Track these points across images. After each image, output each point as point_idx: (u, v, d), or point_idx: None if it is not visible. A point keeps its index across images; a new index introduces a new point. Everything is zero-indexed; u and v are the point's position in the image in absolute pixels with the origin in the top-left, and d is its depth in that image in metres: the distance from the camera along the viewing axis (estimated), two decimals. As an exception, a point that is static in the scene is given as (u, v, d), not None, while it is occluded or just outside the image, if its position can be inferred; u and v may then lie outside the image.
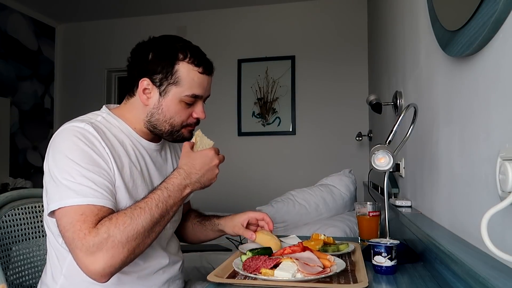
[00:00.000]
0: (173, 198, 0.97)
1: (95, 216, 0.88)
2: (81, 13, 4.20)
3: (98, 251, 0.85)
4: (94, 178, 0.91)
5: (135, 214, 0.90)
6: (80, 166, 0.91)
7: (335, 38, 3.83)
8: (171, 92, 1.03)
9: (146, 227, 0.90)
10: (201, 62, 1.05)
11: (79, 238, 0.85)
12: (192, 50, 1.06)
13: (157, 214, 0.92)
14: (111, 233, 0.86)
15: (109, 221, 0.87)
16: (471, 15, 0.73)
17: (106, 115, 1.07)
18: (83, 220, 0.86)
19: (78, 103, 4.30)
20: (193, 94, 1.04)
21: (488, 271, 0.62)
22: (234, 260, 1.00)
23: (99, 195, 0.90)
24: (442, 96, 1.08)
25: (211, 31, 4.07)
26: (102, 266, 0.85)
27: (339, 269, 0.91)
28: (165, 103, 1.04)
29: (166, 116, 1.05)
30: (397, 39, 1.85)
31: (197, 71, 1.04)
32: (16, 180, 3.51)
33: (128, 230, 0.87)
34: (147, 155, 1.11)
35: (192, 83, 1.04)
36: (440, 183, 1.11)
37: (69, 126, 0.97)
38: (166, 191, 0.96)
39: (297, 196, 2.12)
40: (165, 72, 1.02)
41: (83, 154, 0.93)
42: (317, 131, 3.82)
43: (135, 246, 0.89)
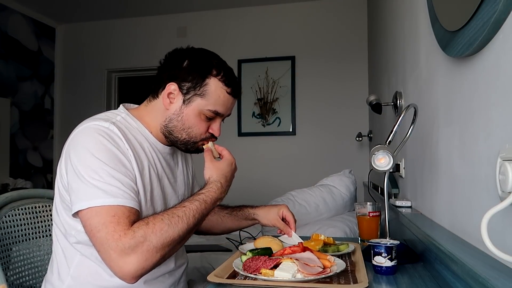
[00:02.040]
0: (208, 210, 1.00)
1: (127, 218, 0.89)
2: (81, 14, 4.20)
3: (133, 253, 0.85)
4: (121, 179, 0.92)
5: (173, 222, 0.91)
6: (108, 166, 0.91)
7: (335, 38, 3.83)
8: (195, 102, 1.04)
9: (182, 235, 0.93)
10: (231, 83, 1.06)
11: (114, 239, 0.85)
12: (226, 70, 1.07)
13: (192, 224, 0.95)
14: (148, 238, 0.87)
15: (146, 226, 0.88)
16: (471, 16, 0.73)
17: (125, 116, 1.07)
18: (117, 222, 0.87)
19: (78, 104, 4.30)
20: (216, 110, 1.05)
21: (488, 272, 0.62)
22: (234, 260, 1.01)
23: (128, 196, 0.91)
24: (442, 97, 1.09)
25: (211, 31, 4.07)
26: (135, 268, 0.86)
27: (339, 269, 0.91)
28: (186, 111, 1.05)
29: (185, 125, 1.06)
30: (397, 39, 1.86)
31: (225, 90, 1.05)
32: (16, 181, 3.50)
33: (164, 237, 0.89)
34: (162, 159, 1.12)
35: (217, 100, 1.05)
36: (440, 184, 1.11)
37: (92, 124, 0.97)
38: (204, 204, 0.98)
39: (297, 197, 2.12)
40: (195, 82, 1.04)
41: (110, 154, 0.93)
42: (317, 131, 3.82)
43: (168, 252, 0.91)
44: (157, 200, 1.06)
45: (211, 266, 1.98)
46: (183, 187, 1.20)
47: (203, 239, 2.55)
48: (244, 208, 1.35)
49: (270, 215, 1.30)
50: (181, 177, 1.21)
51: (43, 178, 4.09)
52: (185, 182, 1.22)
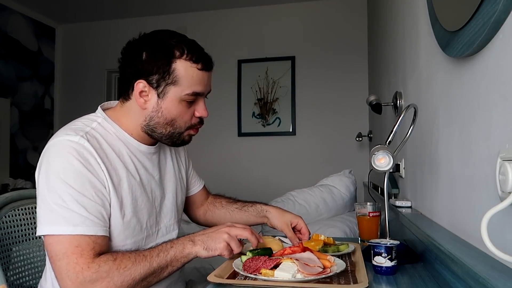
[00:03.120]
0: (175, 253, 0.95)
1: (92, 249, 0.87)
2: (81, 14, 4.20)
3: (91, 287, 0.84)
4: (86, 204, 0.88)
5: (137, 260, 0.89)
6: (73, 189, 0.88)
7: (335, 38, 3.83)
8: (170, 92, 0.97)
9: (142, 276, 0.89)
10: (200, 57, 0.98)
11: (75, 271, 0.84)
12: (188, 45, 0.98)
13: (155, 264, 0.91)
14: (110, 274, 0.85)
15: (113, 262, 0.87)
16: (471, 16, 0.73)
17: (102, 120, 1.02)
18: (80, 254, 0.85)
19: (78, 104, 4.30)
20: (194, 92, 0.99)
21: (488, 272, 0.62)
22: (234, 260, 1.00)
23: (90, 223, 0.88)
24: (442, 97, 1.09)
25: (211, 31, 4.07)
26: None
27: (339, 269, 0.91)
28: (164, 105, 0.98)
29: (167, 119, 1.00)
30: (397, 39, 1.86)
31: (196, 68, 0.98)
32: (17, 181, 3.51)
33: (126, 275, 0.87)
34: (146, 160, 1.07)
35: (191, 80, 0.98)
36: (440, 184, 1.11)
37: (63, 140, 0.91)
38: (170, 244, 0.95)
39: (297, 197, 2.12)
40: (162, 72, 0.96)
41: (77, 176, 0.89)
42: (317, 131, 3.82)
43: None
44: (142, 208, 1.03)
45: (211, 266, 1.98)
46: (174, 184, 1.17)
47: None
48: (257, 204, 1.31)
49: (283, 218, 1.26)
50: (171, 173, 1.17)
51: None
52: (176, 177, 1.19)
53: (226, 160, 3.97)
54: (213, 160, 3.98)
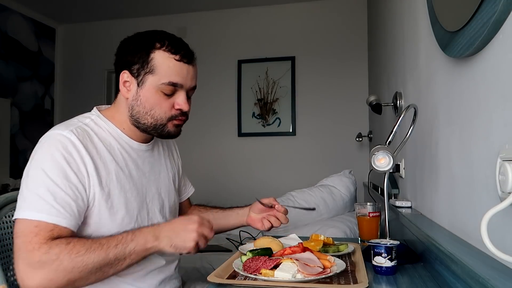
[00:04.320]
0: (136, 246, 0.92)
1: (49, 232, 0.86)
2: (81, 14, 4.21)
3: (40, 269, 0.83)
4: (56, 193, 0.89)
5: (92, 247, 0.87)
6: (47, 177, 0.89)
7: (335, 38, 3.83)
8: (147, 81, 1.00)
9: (96, 265, 0.87)
10: (179, 49, 1.01)
11: (27, 250, 0.84)
12: (170, 39, 1.02)
13: (112, 255, 0.89)
14: (60, 257, 0.84)
15: (66, 245, 0.86)
16: (471, 16, 0.73)
17: (95, 117, 1.05)
18: (36, 233, 0.85)
19: (78, 104, 4.30)
20: (170, 81, 1.00)
21: (488, 272, 0.62)
22: (234, 260, 1.01)
23: (54, 212, 0.88)
24: (442, 97, 1.09)
25: (211, 32, 4.07)
26: (37, 285, 0.83)
27: (339, 269, 0.91)
28: (142, 93, 1.01)
29: (146, 108, 1.01)
30: (397, 40, 1.86)
31: (173, 58, 1.00)
32: (17, 181, 3.51)
33: (77, 261, 0.85)
34: (137, 157, 1.09)
35: (168, 70, 1.00)
36: (440, 184, 1.11)
37: (53, 133, 0.96)
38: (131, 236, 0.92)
39: (297, 197, 2.12)
40: (141, 61, 1.00)
41: (54, 165, 0.91)
42: (317, 131, 3.82)
43: (77, 279, 0.86)
44: (131, 201, 1.03)
45: (211, 266, 1.98)
46: (166, 184, 1.18)
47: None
48: (234, 208, 1.34)
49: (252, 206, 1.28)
50: (165, 172, 1.19)
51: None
52: (169, 178, 1.20)
53: (226, 160, 3.97)
54: (213, 160, 3.98)
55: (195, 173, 3.95)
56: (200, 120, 3.96)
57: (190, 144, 3.96)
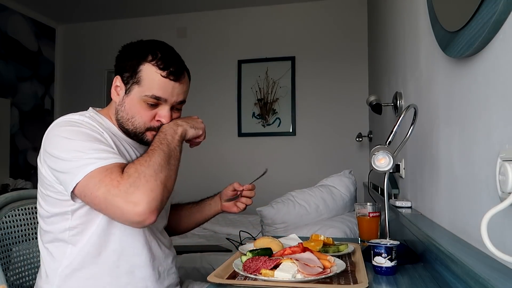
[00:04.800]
0: (171, 135, 1.02)
1: (119, 167, 0.92)
2: (81, 14, 4.21)
3: (137, 190, 0.88)
4: (105, 148, 0.95)
5: (149, 154, 0.95)
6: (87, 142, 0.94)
7: (335, 39, 3.84)
8: (133, 90, 1.04)
9: (164, 160, 0.95)
10: (168, 66, 1.03)
11: (114, 186, 0.88)
12: (164, 53, 1.05)
13: (166, 148, 0.98)
14: (140, 171, 0.90)
15: (133, 164, 0.92)
16: (471, 16, 0.73)
17: (92, 114, 1.10)
18: (110, 173, 0.90)
19: (78, 104, 4.28)
20: (153, 95, 1.03)
21: (488, 272, 0.62)
22: (234, 261, 1.00)
23: (116, 156, 0.94)
24: (442, 97, 1.09)
25: (211, 32, 4.07)
26: (146, 201, 0.87)
27: (339, 269, 0.91)
28: (127, 101, 1.06)
29: (129, 114, 1.06)
30: (397, 40, 1.86)
31: (159, 74, 1.03)
32: (17, 181, 3.51)
33: (151, 165, 0.92)
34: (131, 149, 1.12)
35: (152, 84, 1.03)
36: (440, 184, 1.11)
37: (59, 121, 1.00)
38: (162, 135, 1.02)
39: (297, 197, 2.12)
40: (131, 70, 1.04)
41: (85, 134, 0.96)
42: (317, 132, 3.82)
43: (164, 178, 0.93)
44: None
45: (211, 266, 1.98)
46: None
47: (203, 240, 2.55)
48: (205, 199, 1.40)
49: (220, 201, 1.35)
50: None
51: (43, 178, 4.08)
52: None
53: (226, 160, 3.97)
54: (213, 160, 3.98)
55: (195, 172, 3.96)
56: (200, 120, 3.96)
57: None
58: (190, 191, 2.09)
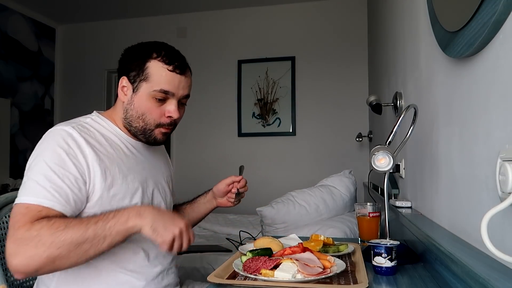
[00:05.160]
0: (116, 222, 0.90)
1: (38, 212, 0.88)
2: (81, 14, 4.21)
3: (23, 246, 0.84)
4: (53, 180, 0.92)
5: (72, 223, 0.87)
6: (47, 165, 0.93)
7: (335, 39, 3.83)
8: (141, 88, 1.06)
9: (74, 241, 0.85)
10: (173, 60, 1.07)
11: (14, 228, 0.86)
12: (167, 50, 1.08)
13: (91, 231, 0.87)
14: (41, 233, 0.85)
15: (47, 222, 0.86)
16: (471, 16, 0.73)
17: (95, 117, 1.11)
18: (24, 213, 0.88)
19: (78, 104, 4.30)
20: (162, 89, 1.05)
21: (488, 272, 0.62)
22: (234, 261, 1.00)
23: (50, 197, 0.90)
24: (442, 97, 1.09)
25: (211, 32, 4.07)
26: (19, 262, 0.84)
27: (339, 269, 0.91)
28: (136, 98, 1.07)
29: (139, 112, 1.07)
30: (397, 40, 1.86)
31: (166, 68, 1.06)
32: (17, 181, 3.51)
33: (56, 235, 0.85)
34: (137, 152, 1.13)
35: (160, 78, 1.05)
36: (440, 184, 1.11)
37: (55, 128, 1.02)
38: (114, 213, 0.92)
39: (297, 197, 2.12)
40: (138, 69, 1.06)
41: (54, 155, 0.95)
42: (317, 132, 3.82)
43: (56, 256, 0.85)
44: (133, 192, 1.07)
45: (211, 266, 1.98)
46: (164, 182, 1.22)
47: (203, 240, 2.55)
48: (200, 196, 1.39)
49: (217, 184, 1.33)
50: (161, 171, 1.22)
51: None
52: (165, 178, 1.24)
53: (226, 160, 3.97)
54: (213, 160, 3.98)
55: (194, 173, 3.97)
56: (200, 120, 3.96)
57: (190, 144, 3.96)
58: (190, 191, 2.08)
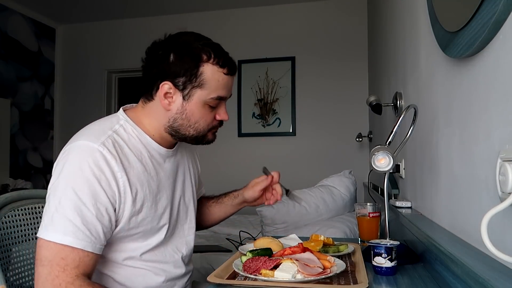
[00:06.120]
0: None
1: (76, 267, 0.85)
2: (81, 14, 4.21)
3: None
4: (83, 214, 0.86)
5: None
6: (77, 196, 0.86)
7: (335, 39, 3.83)
8: (195, 95, 0.97)
9: None
10: (226, 62, 1.00)
11: (53, 284, 0.83)
12: (215, 49, 1.00)
13: None
14: None
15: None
16: (471, 16, 0.73)
17: (124, 123, 1.01)
18: (63, 268, 0.84)
19: (78, 104, 4.30)
20: (219, 96, 0.99)
21: (488, 272, 0.62)
22: (234, 261, 1.00)
23: (81, 235, 0.85)
24: (442, 97, 1.09)
25: (211, 32, 4.03)
26: None
27: (339, 270, 0.91)
28: (189, 107, 0.98)
29: (191, 121, 1.00)
30: (397, 40, 1.86)
31: (222, 72, 0.99)
32: (16, 181, 3.51)
33: None
34: (165, 163, 1.08)
35: (217, 85, 0.98)
36: (440, 184, 1.11)
37: (82, 144, 0.91)
38: None
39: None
40: (189, 74, 0.96)
41: (84, 184, 0.87)
42: (317, 132, 3.82)
43: None
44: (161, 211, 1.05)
45: (211, 266, 1.99)
46: (190, 187, 1.19)
47: (203, 240, 2.55)
48: (229, 193, 1.33)
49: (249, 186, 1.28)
50: (188, 176, 1.19)
51: (43, 178, 4.09)
52: (192, 181, 1.21)
53: (226, 160, 3.97)
54: (213, 160, 3.98)
55: (195, 173, 3.97)
56: (200, 120, 3.96)
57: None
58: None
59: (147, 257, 1.02)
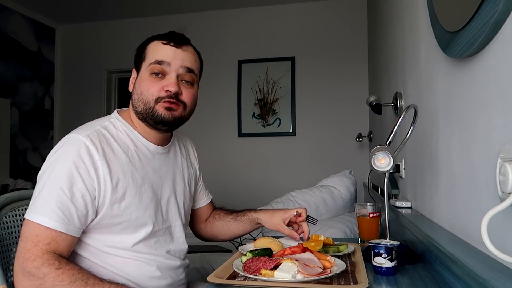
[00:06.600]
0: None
1: (47, 244, 0.91)
2: (81, 14, 4.20)
3: (26, 279, 0.90)
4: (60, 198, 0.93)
5: (77, 283, 0.89)
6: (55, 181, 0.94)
7: (335, 39, 3.83)
8: (142, 68, 1.08)
9: None
10: (167, 35, 1.08)
11: (24, 257, 0.90)
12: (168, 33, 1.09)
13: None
14: (45, 279, 0.88)
15: (55, 270, 0.89)
16: (471, 16, 0.73)
17: (114, 120, 1.09)
18: (35, 243, 0.91)
19: (78, 104, 4.30)
20: (156, 60, 1.04)
21: (488, 272, 0.62)
22: (234, 261, 1.00)
23: (54, 217, 0.92)
24: (442, 97, 1.09)
25: (211, 32, 4.07)
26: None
27: (339, 270, 0.91)
28: (138, 81, 1.08)
29: (138, 93, 1.06)
30: (397, 40, 1.86)
31: (161, 42, 1.07)
32: (16, 181, 3.50)
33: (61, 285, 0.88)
34: (153, 159, 1.11)
35: (155, 52, 1.06)
36: (440, 184, 1.11)
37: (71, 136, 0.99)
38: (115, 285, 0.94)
39: (297, 197, 2.12)
40: (139, 54, 1.09)
41: (63, 170, 0.94)
42: (317, 132, 3.82)
43: None
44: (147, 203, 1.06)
45: (211, 266, 1.99)
46: (182, 187, 1.20)
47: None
48: (248, 213, 1.33)
49: (274, 220, 1.27)
50: (180, 176, 1.20)
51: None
52: (185, 182, 1.22)
53: (226, 161, 3.97)
54: (213, 161, 3.98)
55: (195, 173, 3.96)
56: (200, 120, 3.96)
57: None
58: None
59: (138, 248, 1.05)
